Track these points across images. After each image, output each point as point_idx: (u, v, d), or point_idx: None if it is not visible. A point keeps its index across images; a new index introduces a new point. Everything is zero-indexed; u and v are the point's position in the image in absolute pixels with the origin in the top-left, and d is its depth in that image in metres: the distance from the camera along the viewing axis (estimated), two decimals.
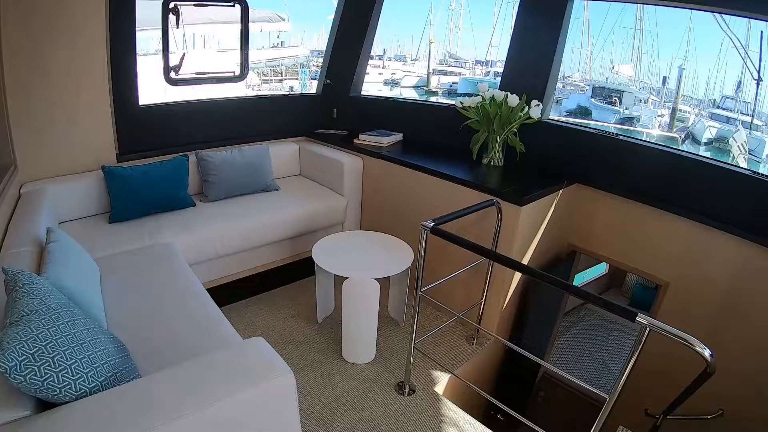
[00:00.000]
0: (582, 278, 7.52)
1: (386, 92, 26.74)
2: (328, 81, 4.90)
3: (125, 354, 1.81)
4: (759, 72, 20.16)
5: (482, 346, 3.53)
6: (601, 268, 7.82)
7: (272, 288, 3.97)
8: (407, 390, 2.98)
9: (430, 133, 4.39)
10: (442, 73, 29.09)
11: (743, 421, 3.46)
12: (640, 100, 28.44)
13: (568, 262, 4.11)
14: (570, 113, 27.05)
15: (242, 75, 4.30)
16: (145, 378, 1.67)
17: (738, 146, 18.66)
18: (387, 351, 3.34)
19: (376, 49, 31.92)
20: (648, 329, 1.89)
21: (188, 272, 2.89)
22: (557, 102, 29.37)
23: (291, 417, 1.80)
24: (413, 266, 3.30)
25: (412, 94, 26.72)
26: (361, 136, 4.34)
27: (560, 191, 3.58)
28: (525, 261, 3.49)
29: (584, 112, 26.81)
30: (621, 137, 3.93)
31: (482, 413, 3.55)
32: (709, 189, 3.44)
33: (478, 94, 3.76)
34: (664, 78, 32.12)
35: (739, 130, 22.27)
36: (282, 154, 4.48)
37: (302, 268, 4.00)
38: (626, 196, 3.61)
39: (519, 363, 3.82)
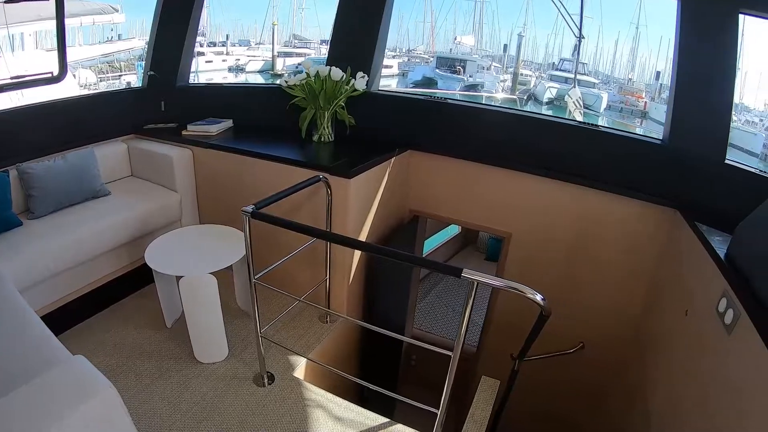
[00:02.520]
0: (436, 240, 7.71)
1: (231, 79, 26.13)
2: (153, 72, 4.61)
3: None
4: (580, 30, 21.56)
5: (336, 323, 3.51)
6: (455, 228, 8.07)
7: (119, 299, 3.70)
8: (266, 380, 2.91)
9: (260, 116, 4.28)
10: (288, 55, 28.83)
11: (603, 351, 3.78)
12: (483, 68, 29.69)
13: (412, 227, 4.13)
14: (416, 84, 27.75)
15: (61, 75, 3.95)
16: None
17: (573, 102, 19.94)
18: (241, 344, 3.23)
19: (219, 35, 31.05)
20: (476, 283, 1.89)
21: (15, 298, 2.61)
22: (403, 75, 30.18)
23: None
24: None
25: (258, 79, 26.33)
26: (189, 127, 4.12)
27: (392, 159, 3.61)
28: (365, 232, 3.51)
29: (430, 82, 27.49)
30: (449, 101, 4.04)
31: (357, 386, 3.51)
32: (540, 143, 3.65)
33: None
34: (505, 45, 33.65)
35: (573, 87, 23.85)
36: (110, 155, 4.14)
37: (146, 274, 3.76)
38: (461, 158, 3.72)
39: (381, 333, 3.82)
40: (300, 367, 3.11)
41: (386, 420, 2.76)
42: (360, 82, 3.58)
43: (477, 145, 3.75)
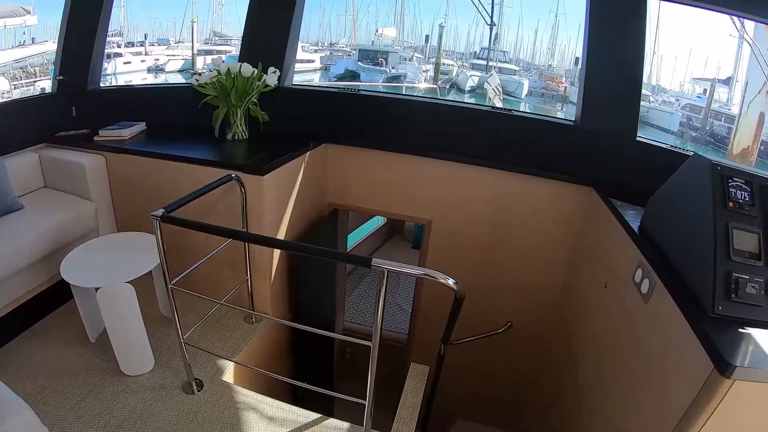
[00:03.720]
0: (362, 232, 7.73)
1: (151, 80, 25.23)
2: (62, 77, 4.42)
3: None
4: (491, 17, 22.04)
5: (261, 323, 3.47)
6: (380, 219, 8.11)
7: (41, 318, 3.53)
8: (195, 388, 2.85)
9: (175, 117, 4.17)
10: (208, 53, 27.94)
11: (531, 329, 3.93)
12: (406, 59, 29.96)
13: (332, 221, 4.14)
14: (339, 78, 27.77)
15: None
16: None
17: (492, 89, 20.37)
18: (167, 353, 3.15)
19: (137, 35, 30.07)
20: (386, 272, 1.93)
21: None
22: (326, 69, 30.11)
23: None
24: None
25: (179, 79, 25.58)
26: (101, 132, 3.95)
27: (307, 154, 3.58)
28: (283, 229, 3.48)
29: (353, 75, 27.50)
30: (362, 92, 4.03)
31: (291, 385, 3.50)
32: (458, 130, 3.72)
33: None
34: (427, 36, 34.00)
35: (492, 75, 24.41)
36: (21, 167, 3.92)
37: (65, 288, 3.61)
38: (378, 148, 3.75)
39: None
40: (228, 371, 3.06)
41: (318, 416, 2.77)
42: (271, 78, 3.53)
43: (394, 135, 3.79)
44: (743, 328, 1.87)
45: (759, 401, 1.75)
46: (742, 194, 2.04)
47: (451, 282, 2.04)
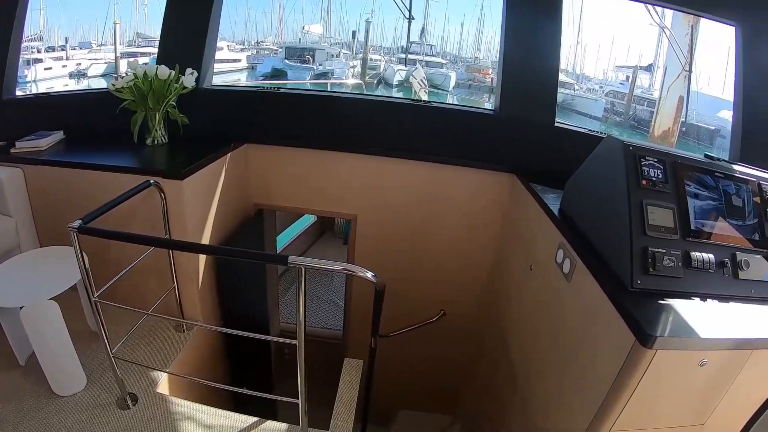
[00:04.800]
0: (293, 231, 7.69)
1: (73, 86, 24.13)
2: None
3: None
4: (409, 11, 22.33)
5: (192, 330, 3.41)
6: (311, 217, 8.08)
7: None
8: (129, 402, 2.77)
9: (94, 124, 4.00)
10: (132, 55, 26.77)
11: (464, 316, 4.01)
12: (333, 55, 29.91)
13: (258, 222, 4.10)
14: (266, 77, 27.42)
15: None
16: None
17: (418, 82, 20.53)
18: (99, 369, 3.03)
19: (58, 39, 28.84)
20: (303, 269, 1.92)
21: None
22: (252, 68, 29.72)
23: None
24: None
25: (102, 84, 24.69)
26: (17, 144, 3.77)
27: (227, 155, 3.53)
28: (207, 233, 3.43)
29: (280, 73, 27.19)
30: (283, 90, 4.01)
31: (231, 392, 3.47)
32: (380, 124, 3.76)
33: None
34: (354, 32, 34.06)
35: (417, 68, 24.57)
36: None
37: None
38: (301, 146, 3.75)
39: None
40: (162, 382, 2.99)
41: (255, 419, 2.75)
42: (188, 79, 3.45)
43: (317, 132, 3.79)
44: (663, 300, 1.96)
45: (680, 368, 1.85)
46: (655, 172, 2.13)
47: (369, 275, 2.07)
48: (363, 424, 3.47)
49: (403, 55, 31.76)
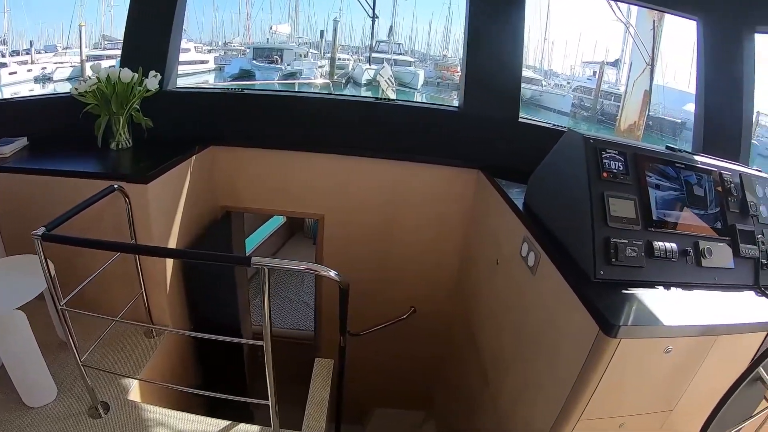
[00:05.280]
0: (263, 233, 7.67)
1: (38, 90, 23.72)
2: None
3: None
4: (373, 10, 22.42)
5: (162, 336, 3.37)
6: (280, 218, 8.06)
7: None
8: (101, 411, 2.73)
9: (58, 129, 3.95)
10: (98, 58, 26.23)
11: (434, 313, 4.03)
12: (301, 55, 29.86)
13: (225, 225, 4.08)
14: (234, 77, 27.23)
15: None
16: None
17: (385, 81, 20.58)
18: (70, 378, 2.97)
19: (23, 42, 28.24)
20: (266, 269, 1.93)
21: None
22: (220, 69, 29.52)
23: None
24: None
25: (68, 88, 24.16)
26: None
27: (192, 158, 3.50)
28: (174, 237, 3.39)
29: (247, 74, 27.09)
30: (249, 91, 4.01)
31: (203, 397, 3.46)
32: (346, 123, 3.76)
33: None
34: (322, 31, 34.08)
35: (384, 67, 24.65)
36: None
37: None
38: (267, 147, 3.74)
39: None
40: (134, 389, 2.96)
41: (228, 423, 2.73)
42: (152, 82, 3.40)
43: (283, 133, 3.78)
44: (626, 289, 2.00)
45: (645, 355, 1.89)
46: (615, 164, 2.17)
47: (332, 274, 2.10)
48: (337, 424, 3.47)
49: (373, 54, 31.82)
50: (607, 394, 1.95)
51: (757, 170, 2.59)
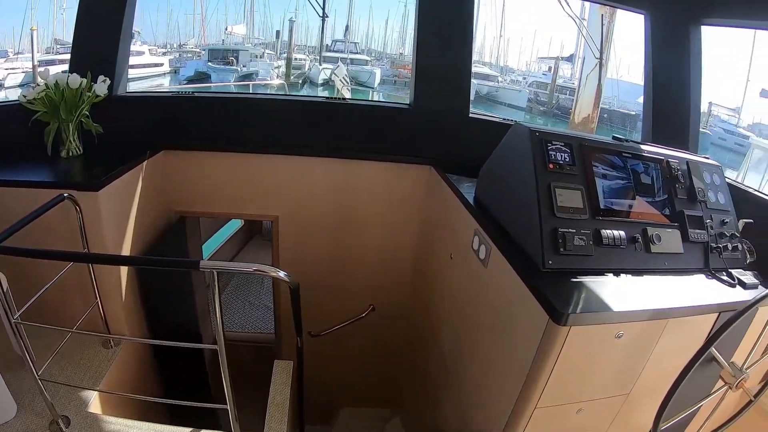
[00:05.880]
0: (221, 237, 7.59)
1: None
2: None
3: None
4: (323, 9, 22.46)
5: (120, 345, 3.32)
6: (238, 222, 7.99)
7: None
8: (62, 425, 2.68)
9: (6, 137, 3.79)
10: (51, 63, 25.28)
11: (394, 310, 4.06)
12: (257, 56, 29.66)
13: (180, 230, 4.01)
14: (189, 80, 26.95)
15: None
16: None
17: (340, 80, 20.56)
18: (29, 394, 2.88)
19: None
20: (215, 272, 1.94)
21: None
22: (175, 72, 29.10)
23: None
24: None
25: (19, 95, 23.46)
26: None
27: (144, 163, 3.44)
28: (127, 244, 3.34)
29: (203, 76, 26.72)
30: (198, 94, 3.97)
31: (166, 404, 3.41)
32: (299, 123, 3.76)
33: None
34: (278, 32, 33.86)
35: (338, 66, 24.62)
36: None
37: None
38: (220, 150, 3.71)
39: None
40: (94, 401, 2.91)
41: (189, 430, 2.72)
42: (100, 87, 3.32)
43: (235, 135, 3.75)
44: (575, 278, 2.05)
45: (597, 341, 1.94)
46: (561, 156, 2.23)
47: (281, 274, 2.12)
48: (300, 425, 3.48)
49: (328, 54, 31.79)
50: (562, 381, 2.00)
51: (705, 158, 2.69)
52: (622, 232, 2.17)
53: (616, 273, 2.14)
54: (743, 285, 2.27)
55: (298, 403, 3.35)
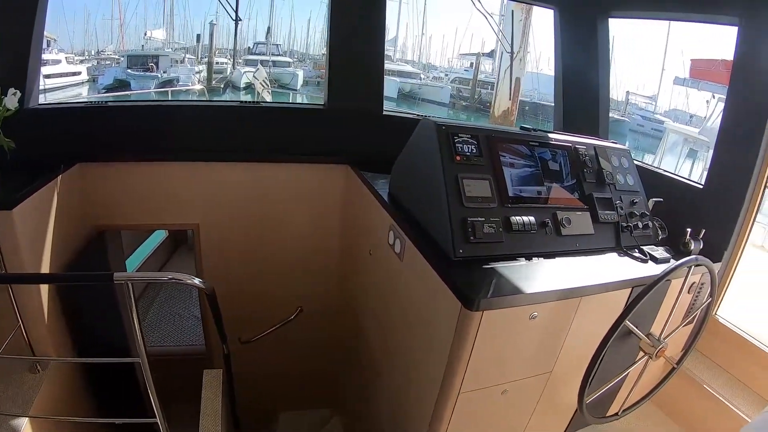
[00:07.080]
0: (146, 250, 7.40)
1: None
2: None
3: None
4: (236, 13, 22.27)
5: (47, 368, 3.19)
6: (162, 233, 7.82)
7: None
8: None
9: None
10: None
11: (322, 310, 4.12)
12: (177, 61, 28.96)
13: (100, 244, 3.91)
14: (108, 89, 25.86)
15: None
16: None
17: (260, 83, 20.40)
18: None
19: None
20: (130, 284, 1.97)
21: None
22: (94, 80, 28.07)
23: None
24: None
25: None
26: None
27: (58, 178, 3.35)
28: (46, 263, 3.20)
29: (123, 84, 25.87)
30: (112, 104, 3.91)
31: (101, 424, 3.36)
32: (215, 129, 3.72)
33: None
34: (199, 35, 33.21)
35: (258, 68, 24.37)
36: None
37: None
38: (137, 160, 3.63)
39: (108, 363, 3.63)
40: (25, 427, 2.79)
41: None
42: (10, 100, 3.19)
43: (152, 144, 3.67)
44: (487, 264, 2.15)
45: (511, 324, 2.05)
46: (468, 147, 2.33)
47: (196, 281, 2.16)
48: None
49: (249, 57, 31.44)
50: (482, 365, 2.09)
51: (613, 142, 2.87)
52: (531, 218, 2.29)
53: (528, 257, 2.26)
54: (655, 260, 2.44)
55: (231, 412, 3.34)
